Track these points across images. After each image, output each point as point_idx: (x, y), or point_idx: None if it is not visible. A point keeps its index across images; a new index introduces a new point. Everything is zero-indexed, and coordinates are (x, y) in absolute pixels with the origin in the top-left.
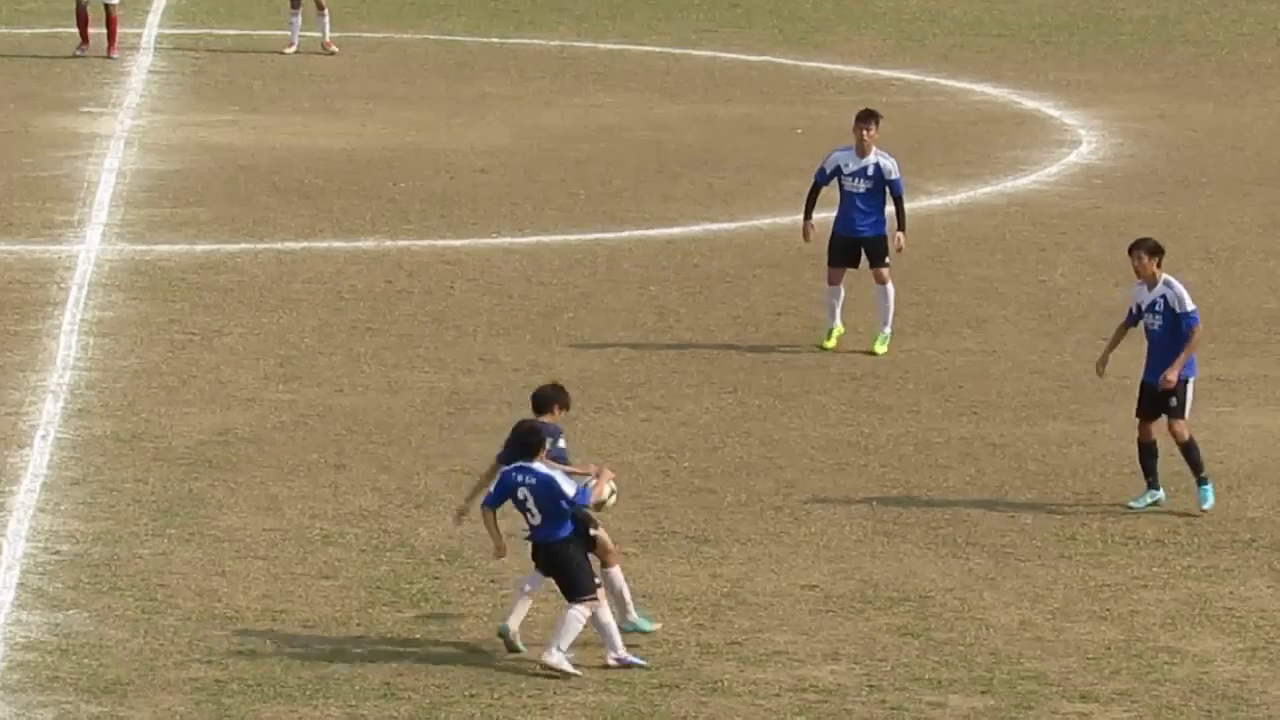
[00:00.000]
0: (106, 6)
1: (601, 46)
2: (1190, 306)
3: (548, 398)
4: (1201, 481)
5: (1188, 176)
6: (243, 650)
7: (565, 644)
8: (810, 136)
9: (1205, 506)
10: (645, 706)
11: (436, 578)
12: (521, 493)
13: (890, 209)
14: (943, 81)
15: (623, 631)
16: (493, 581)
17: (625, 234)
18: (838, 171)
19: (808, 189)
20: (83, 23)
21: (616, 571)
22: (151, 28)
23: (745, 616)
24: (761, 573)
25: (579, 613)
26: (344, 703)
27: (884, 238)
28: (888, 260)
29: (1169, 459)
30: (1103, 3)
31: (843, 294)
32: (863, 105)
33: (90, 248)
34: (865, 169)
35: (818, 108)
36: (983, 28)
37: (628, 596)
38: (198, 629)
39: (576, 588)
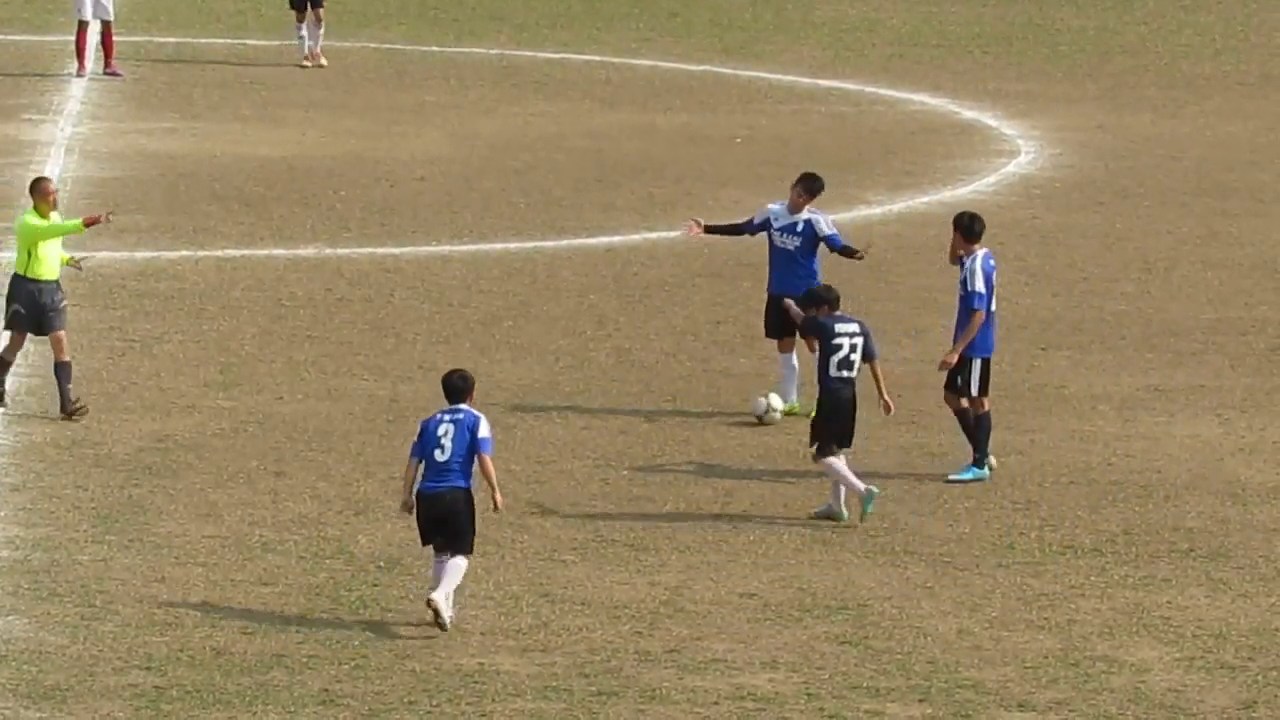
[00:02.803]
0: (104, 23)
1: (541, 55)
2: (972, 287)
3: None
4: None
5: (1126, 187)
6: (182, 657)
7: None
8: (750, 145)
9: (954, 478)
10: (584, 714)
11: (376, 585)
12: None
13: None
14: (882, 91)
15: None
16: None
17: (565, 242)
18: (767, 224)
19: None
20: (82, 45)
21: None
22: (93, 35)
23: (683, 624)
24: (700, 580)
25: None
26: (283, 709)
27: None
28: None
29: (1112, 482)
30: (1041, 13)
31: (795, 364)
32: (803, 114)
33: None
34: (795, 224)
35: (757, 117)
36: (922, 38)
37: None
38: (137, 635)
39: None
